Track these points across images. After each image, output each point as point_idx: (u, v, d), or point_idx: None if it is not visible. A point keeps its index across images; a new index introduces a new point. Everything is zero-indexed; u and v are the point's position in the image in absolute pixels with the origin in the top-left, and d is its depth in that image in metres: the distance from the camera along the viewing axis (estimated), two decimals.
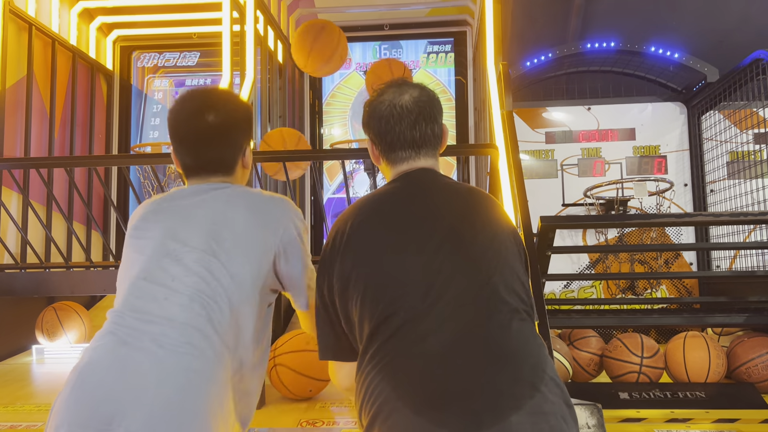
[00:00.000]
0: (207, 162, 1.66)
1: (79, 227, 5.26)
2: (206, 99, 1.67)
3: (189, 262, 1.50)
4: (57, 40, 5.03)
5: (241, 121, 1.70)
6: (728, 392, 3.11)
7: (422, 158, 1.61)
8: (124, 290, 1.51)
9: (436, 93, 1.68)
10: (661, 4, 5.70)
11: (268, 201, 1.65)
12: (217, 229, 1.54)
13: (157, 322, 1.42)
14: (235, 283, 1.50)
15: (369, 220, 1.51)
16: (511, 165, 3.02)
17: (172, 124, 1.67)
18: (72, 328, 4.05)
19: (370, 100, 1.66)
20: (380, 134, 1.61)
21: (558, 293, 5.17)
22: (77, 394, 1.36)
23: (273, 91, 5.22)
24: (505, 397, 1.26)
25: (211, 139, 1.64)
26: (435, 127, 1.62)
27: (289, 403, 2.84)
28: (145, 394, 1.33)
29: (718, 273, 4.89)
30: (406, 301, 1.38)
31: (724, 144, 4.93)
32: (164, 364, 1.37)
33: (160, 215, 1.61)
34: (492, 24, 3.95)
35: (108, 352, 1.41)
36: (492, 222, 1.52)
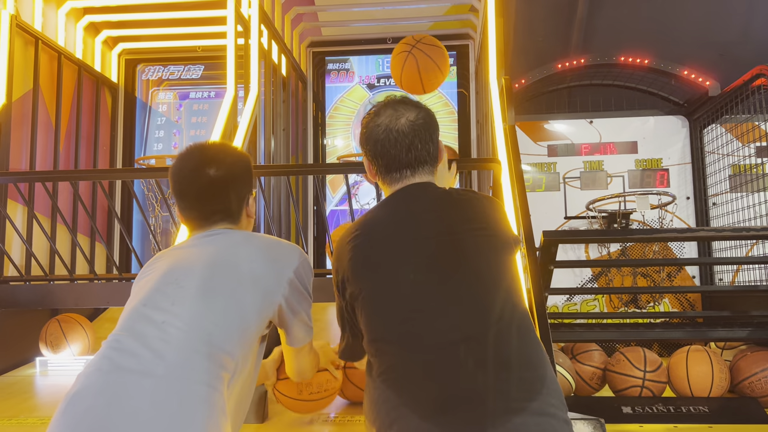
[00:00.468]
0: (211, 214, 1.70)
1: (83, 239, 5.28)
2: (206, 154, 1.71)
3: (188, 291, 1.52)
4: (63, 54, 5.07)
5: (242, 173, 1.75)
6: (731, 407, 3.10)
7: (417, 176, 1.65)
8: (124, 317, 1.54)
9: (432, 112, 1.71)
10: (662, 18, 5.73)
11: (276, 245, 1.69)
12: (219, 267, 1.58)
13: (152, 346, 1.42)
14: (231, 317, 1.53)
15: (370, 234, 1.57)
16: (514, 179, 3.03)
17: (174, 180, 1.70)
18: (76, 341, 4.05)
19: (367, 121, 1.70)
20: (376, 156, 1.66)
21: (561, 306, 5.17)
22: (68, 420, 1.35)
23: (277, 104, 5.25)
24: (508, 400, 1.29)
25: (213, 192, 1.68)
26: (430, 147, 1.66)
27: (291, 417, 2.84)
28: (137, 419, 1.32)
29: (720, 287, 4.88)
30: (408, 314, 1.42)
31: (726, 157, 4.94)
32: (157, 389, 1.37)
33: (167, 256, 1.66)
34: (494, 38, 3.98)
35: (100, 377, 1.40)
36: (488, 225, 1.56)
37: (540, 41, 5.87)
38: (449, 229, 1.53)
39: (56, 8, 5.13)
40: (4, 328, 3.94)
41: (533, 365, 1.37)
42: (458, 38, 6.20)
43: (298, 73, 6.05)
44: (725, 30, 5.71)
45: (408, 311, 1.43)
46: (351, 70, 6.40)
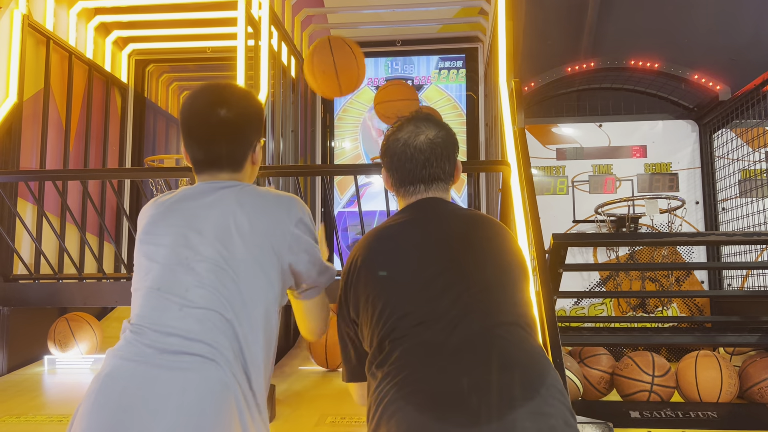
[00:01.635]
0: (217, 157, 1.66)
1: (92, 238, 5.30)
2: (219, 94, 1.67)
3: (201, 271, 1.50)
4: (74, 54, 5.10)
5: (253, 118, 1.70)
6: (740, 412, 3.08)
7: (431, 192, 1.71)
8: (140, 300, 1.53)
9: (452, 132, 1.76)
10: (672, 22, 5.71)
11: (276, 201, 1.64)
12: (227, 237, 1.54)
13: (175, 334, 1.44)
14: (245, 292, 1.52)
15: (379, 247, 1.61)
16: (523, 182, 3.03)
17: (183, 117, 1.66)
18: (84, 339, 4.07)
19: (388, 134, 1.75)
20: (392, 169, 1.72)
21: (568, 310, 5.15)
22: (101, 401, 1.37)
23: (286, 105, 5.26)
24: (506, 397, 1.31)
25: (222, 133, 1.64)
26: (447, 166, 1.71)
27: (299, 417, 2.84)
28: (167, 404, 1.35)
29: (729, 292, 4.85)
30: (411, 314, 1.46)
31: (736, 162, 4.91)
32: (186, 375, 1.39)
33: (170, 219, 1.61)
34: (504, 41, 3.97)
35: (129, 363, 1.42)
36: (498, 245, 1.61)
37: (549, 44, 5.86)
38: (460, 240, 1.58)
39: (68, 8, 5.16)
40: (13, 326, 3.96)
41: (533, 367, 1.40)
42: (467, 41, 6.20)
43: None
44: (736, 34, 5.68)
45: (412, 312, 1.46)
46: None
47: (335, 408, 2.95)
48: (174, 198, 1.66)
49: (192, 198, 1.64)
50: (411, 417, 1.31)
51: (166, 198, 1.67)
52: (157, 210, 1.65)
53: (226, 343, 1.45)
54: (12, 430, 2.66)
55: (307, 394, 3.25)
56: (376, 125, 6.24)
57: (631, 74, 5.43)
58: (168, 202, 1.65)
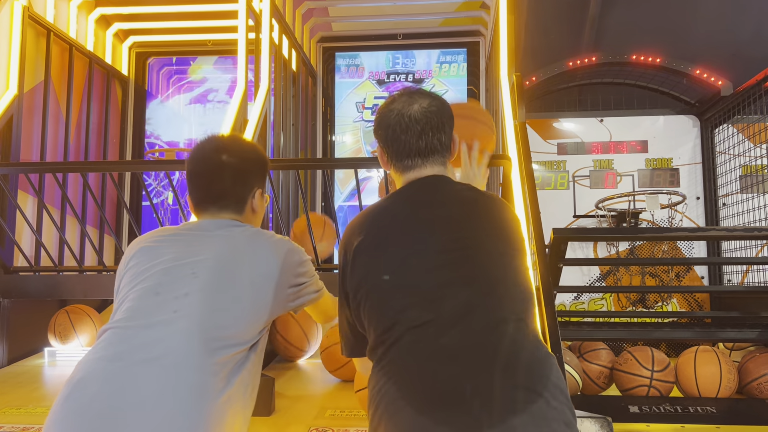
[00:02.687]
0: (217, 196, 1.73)
1: (93, 231, 5.31)
2: (222, 141, 1.78)
3: (191, 288, 1.53)
4: (74, 46, 5.09)
5: (254, 165, 1.79)
6: (739, 408, 3.09)
7: (429, 166, 1.65)
8: (134, 302, 1.53)
9: (446, 102, 1.71)
10: (674, 17, 5.70)
11: (267, 238, 1.71)
12: (222, 268, 1.59)
13: (154, 339, 1.43)
14: (241, 311, 1.56)
15: (376, 231, 1.56)
16: (524, 176, 3.03)
17: (188, 163, 1.76)
18: (84, 331, 4.07)
19: (381, 108, 1.70)
20: (387, 143, 1.66)
21: (568, 305, 5.16)
22: (72, 407, 1.36)
23: (287, 98, 5.26)
24: (508, 400, 1.28)
25: (222, 174, 1.72)
26: (443, 137, 1.65)
27: (298, 410, 2.84)
28: (143, 409, 1.33)
29: (730, 288, 4.85)
30: (412, 308, 1.42)
31: (737, 158, 4.91)
32: (165, 378, 1.38)
33: (174, 238, 1.67)
34: (506, 35, 3.97)
35: (106, 365, 1.41)
36: (497, 227, 1.55)
37: (551, 39, 5.84)
38: (460, 226, 1.52)
39: (68, 0, 5.14)
40: (13, 318, 3.96)
41: (536, 368, 1.36)
42: (469, 35, 6.19)
43: (308, 69, 6.05)
44: (738, 29, 5.66)
45: (412, 305, 1.42)
46: (361, 66, 6.39)
47: (334, 401, 2.95)
48: (175, 229, 1.73)
49: (194, 229, 1.71)
50: (412, 419, 1.29)
51: (168, 228, 1.75)
52: (155, 237, 1.70)
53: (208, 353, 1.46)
54: (12, 421, 2.66)
55: (307, 387, 3.25)
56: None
57: (632, 69, 5.41)
58: (169, 229, 1.73)
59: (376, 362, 1.45)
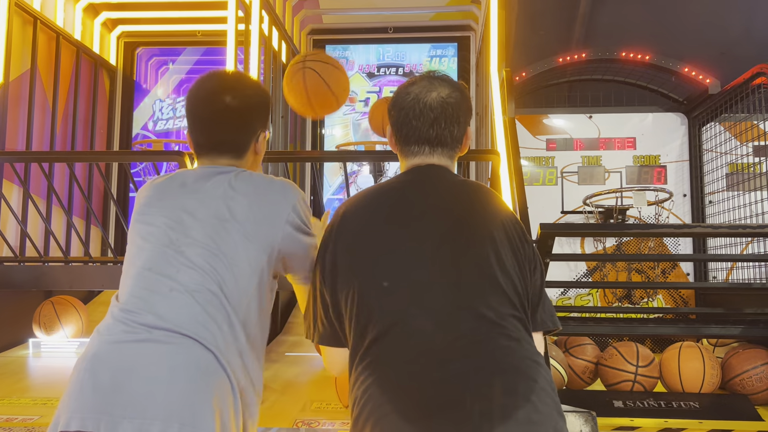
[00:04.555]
0: (219, 142, 1.67)
1: (79, 221, 5.26)
2: (226, 81, 1.69)
3: (191, 254, 1.50)
4: (61, 35, 5.03)
5: (258, 106, 1.71)
6: (722, 403, 3.12)
7: (436, 156, 1.60)
8: (130, 281, 1.52)
9: (467, 95, 1.65)
10: (664, 15, 5.72)
11: (268, 187, 1.64)
12: (219, 222, 1.54)
13: (164, 316, 1.43)
14: (236, 277, 1.51)
15: (367, 213, 1.52)
16: (512, 172, 3.03)
17: (189, 103, 1.68)
18: (69, 323, 4.05)
19: (399, 88, 1.65)
20: (398, 125, 1.62)
21: (555, 300, 5.18)
22: (89, 381, 1.37)
23: (276, 90, 5.23)
24: (495, 406, 1.25)
25: (226, 119, 1.65)
26: (455, 130, 1.60)
27: (284, 402, 2.84)
28: (159, 384, 1.35)
29: (714, 284, 4.90)
30: (398, 306, 1.38)
31: (723, 156, 4.94)
32: (175, 357, 1.39)
33: (165, 200, 1.61)
34: (496, 30, 3.97)
35: (118, 344, 1.42)
36: (493, 221, 1.50)
37: (542, 34, 5.85)
38: (458, 223, 1.48)
39: None
40: None
41: (525, 371, 1.33)
42: (460, 29, 6.17)
43: None
44: (727, 28, 5.70)
45: (397, 299, 1.39)
46: (351, 59, 6.37)
47: (320, 394, 2.95)
48: (170, 180, 1.66)
49: (188, 181, 1.64)
50: (398, 426, 1.26)
51: (163, 179, 1.67)
52: (153, 191, 1.64)
53: (216, 327, 1.45)
54: None
55: (293, 380, 3.25)
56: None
57: (622, 66, 5.44)
58: (164, 184, 1.65)
59: (358, 359, 1.39)
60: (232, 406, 1.43)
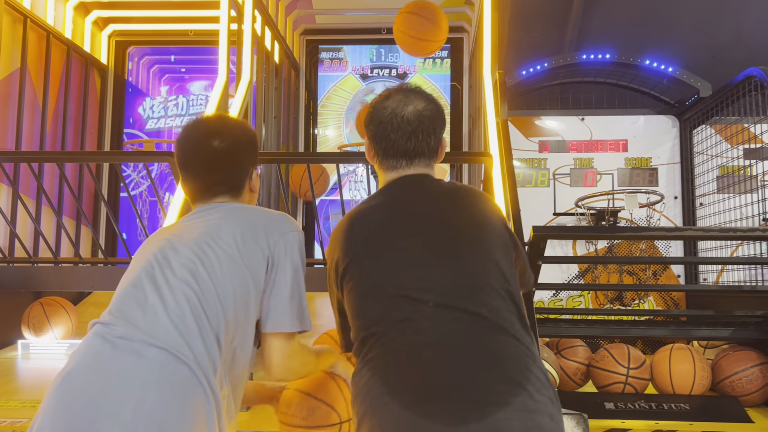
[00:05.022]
0: (213, 185, 1.71)
1: (69, 222, 5.23)
2: (211, 126, 1.73)
3: (177, 271, 1.51)
4: (52, 33, 5.00)
5: (247, 146, 1.75)
6: (712, 405, 3.13)
7: (414, 167, 1.65)
8: (115, 298, 1.53)
9: (441, 107, 1.70)
10: (656, 18, 5.75)
11: (266, 216, 1.67)
12: (209, 245, 1.56)
13: (141, 328, 1.42)
14: (221, 298, 1.51)
15: (363, 230, 1.57)
16: (505, 174, 3.04)
17: (179, 152, 1.72)
18: (59, 324, 4.02)
19: (375, 102, 1.69)
20: (376, 139, 1.65)
21: (546, 302, 5.19)
22: (61, 397, 1.36)
23: (269, 91, 5.21)
24: (492, 394, 1.29)
25: (217, 163, 1.69)
26: (432, 141, 1.65)
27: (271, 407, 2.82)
28: (129, 401, 1.33)
29: (705, 287, 4.93)
30: (396, 304, 1.43)
31: (714, 158, 4.97)
32: (149, 372, 1.37)
33: (164, 231, 1.67)
34: (489, 32, 3.97)
35: (93, 357, 1.41)
36: (480, 220, 1.57)
37: (535, 36, 5.87)
38: (445, 223, 1.54)
39: None
40: None
41: (520, 361, 1.37)
42: (453, 31, 6.13)
43: (291, 61, 6.01)
44: (718, 32, 5.73)
45: (397, 300, 1.43)
46: (344, 60, 6.37)
47: None
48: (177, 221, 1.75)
49: (190, 215, 1.70)
50: (397, 413, 1.30)
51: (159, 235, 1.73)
52: (163, 228, 1.73)
53: (197, 340, 1.44)
54: None
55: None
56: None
57: (613, 68, 5.45)
58: (173, 223, 1.75)
59: (360, 357, 1.45)
60: (205, 422, 1.42)
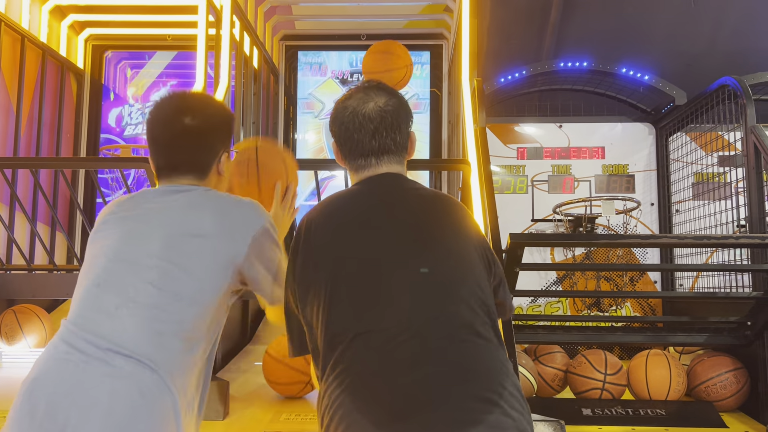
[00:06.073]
0: (179, 163, 1.63)
1: (43, 228, 5.15)
2: (185, 102, 1.66)
3: (146, 269, 1.46)
4: (27, 37, 4.93)
5: (219, 126, 1.67)
6: (688, 410, 3.17)
7: (384, 165, 1.59)
8: (78, 298, 1.48)
9: (404, 99, 1.65)
10: (632, 26, 5.82)
11: (236, 206, 1.61)
12: (177, 238, 1.50)
13: (107, 336, 1.39)
14: (193, 294, 1.47)
15: (333, 223, 1.50)
16: (483, 182, 3.05)
17: (149, 125, 1.64)
18: (32, 332, 3.94)
19: (337, 103, 1.64)
20: (341, 140, 1.61)
21: (525, 308, 5.22)
22: (26, 407, 1.34)
23: (247, 96, 5.19)
24: (465, 411, 1.26)
25: (186, 141, 1.61)
26: (397, 137, 1.60)
27: (253, 414, 2.81)
28: (95, 410, 1.31)
29: (681, 294, 4.99)
30: (366, 313, 1.37)
31: (690, 165, 5.04)
32: (117, 379, 1.35)
33: (122, 216, 1.57)
34: (468, 39, 3.99)
35: (58, 365, 1.37)
36: (456, 228, 1.52)
37: (513, 44, 5.91)
38: (418, 227, 1.48)
39: None
40: None
41: (493, 376, 1.34)
42: (433, 38, 6.20)
43: (270, 66, 5.99)
44: (693, 41, 5.82)
45: (366, 308, 1.38)
46: (324, 65, 6.36)
47: (290, 405, 2.93)
48: (129, 198, 1.63)
49: (147, 200, 1.60)
50: (367, 431, 1.25)
51: (123, 198, 1.64)
52: (112, 209, 1.61)
53: (164, 345, 1.41)
54: None
55: (262, 391, 3.21)
56: None
57: (591, 76, 5.51)
58: (122, 202, 1.62)
59: (329, 368, 1.38)
60: (175, 427, 1.39)
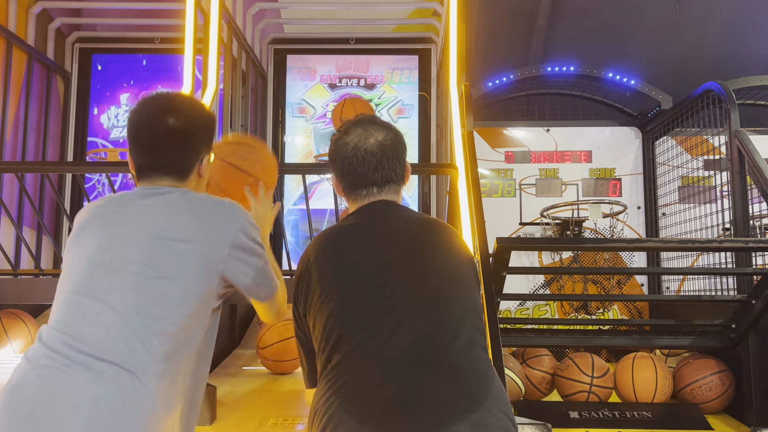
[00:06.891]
0: (161, 165, 1.61)
1: (30, 232, 5.11)
2: (168, 102, 1.64)
3: (126, 275, 1.45)
4: (13, 40, 4.89)
5: (202, 128, 1.67)
6: (673, 413, 3.19)
7: (384, 194, 1.69)
8: (58, 305, 1.47)
9: (400, 134, 1.75)
10: (619, 31, 5.87)
11: (215, 207, 1.60)
12: (159, 241, 1.49)
13: (89, 342, 1.38)
14: (175, 299, 1.46)
15: (331, 249, 1.59)
16: (470, 186, 3.06)
17: (131, 125, 1.63)
18: (17, 337, 3.91)
19: (336, 138, 1.72)
20: (343, 174, 1.69)
21: (513, 311, 5.24)
22: (6, 412, 1.33)
23: (235, 99, 5.18)
24: (449, 409, 1.32)
25: (169, 141, 1.60)
26: (397, 168, 1.70)
27: (240, 419, 2.80)
28: (76, 415, 1.30)
29: (667, 297, 5.03)
30: (358, 321, 1.45)
31: (676, 169, 5.08)
32: (99, 386, 1.33)
33: (101, 222, 1.55)
34: (456, 44, 4.00)
35: (38, 373, 1.36)
36: (448, 247, 1.62)
37: (501, 48, 5.94)
38: (413, 246, 1.58)
39: None
40: None
41: (478, 378, 1.40)
42: (421, 42, 6.21)
43: (259, 70, 5.98)
44: (679, 46, 5.88)
45: (363, 320, 1.44)
46: (313, 69, 6.35)
47: (278, 410, 2.92)
48: (109, 201, 1.61)
49: (126, 202, 1.59)
50: (352, 428, 1.31)
51: (101, 201, 1.62)
52: (89, 213, 1.59)
53: (146, 352, 1.39)
54: None
55: (250, 396, 3.21)
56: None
57: (578, 80, 5.55)
58: (102, 205, 1.60)
59: (323, 377, 1.46)
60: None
